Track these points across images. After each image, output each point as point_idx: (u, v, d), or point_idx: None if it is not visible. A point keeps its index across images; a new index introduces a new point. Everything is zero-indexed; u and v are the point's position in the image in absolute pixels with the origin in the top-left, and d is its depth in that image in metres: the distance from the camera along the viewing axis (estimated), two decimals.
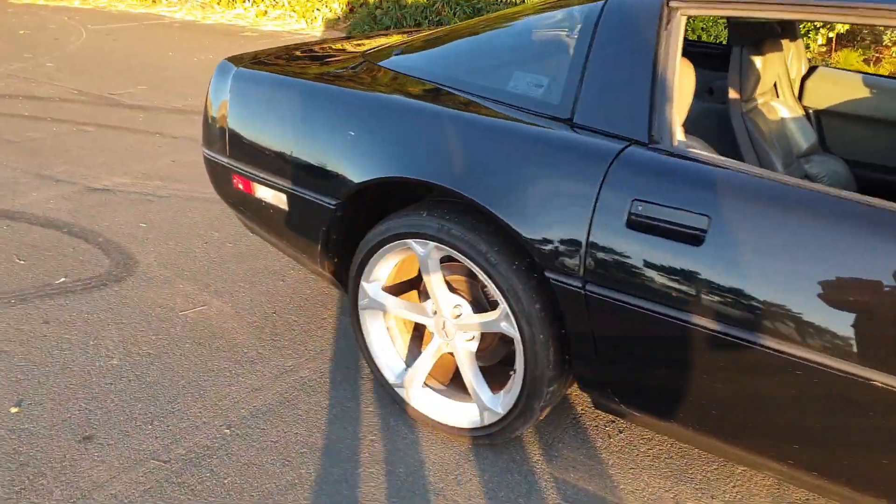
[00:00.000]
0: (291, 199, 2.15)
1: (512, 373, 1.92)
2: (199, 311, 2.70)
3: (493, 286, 1.80)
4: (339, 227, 2.10)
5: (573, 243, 1.64)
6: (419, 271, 2.12)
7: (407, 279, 2.17)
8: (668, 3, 1.69)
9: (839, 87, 2.67)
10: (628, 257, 1.58)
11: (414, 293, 2.20)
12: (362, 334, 2.19)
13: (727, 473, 1.98)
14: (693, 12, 1.68)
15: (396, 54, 2.23)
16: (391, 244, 1.96)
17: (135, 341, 2.50)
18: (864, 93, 2.62)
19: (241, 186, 2.32)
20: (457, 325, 1.98)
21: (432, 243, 1.88)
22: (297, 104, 2.12)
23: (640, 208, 1.57)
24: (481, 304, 2.00)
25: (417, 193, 2.11)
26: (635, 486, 1.93)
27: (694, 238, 1.51)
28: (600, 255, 1.61)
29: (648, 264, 1.56)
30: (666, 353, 1.59)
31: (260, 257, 3.11)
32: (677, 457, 2.04)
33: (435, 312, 2.02)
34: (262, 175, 2.21)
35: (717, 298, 1.48)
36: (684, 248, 1.52)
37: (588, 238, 1.62)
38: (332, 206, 2.04)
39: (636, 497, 1.90)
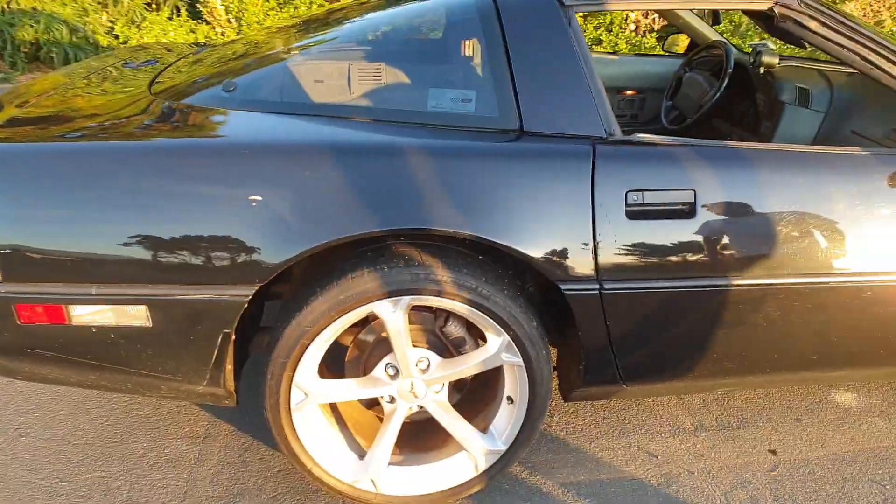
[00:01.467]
0: (161, 308, 1.55)
1: (508, 403, 1.79)
2: None
3: (489, 320, 1.64)
4: (247, 323, 1.62)
5: (582, 249, 1.60)
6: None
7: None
8: (562, 3, 1.72)
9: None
10: (636, 246, 1.62)
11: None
12: (296, 441, 1.74)
13: (667, 411, 2.23)
14: (583, 9, 1.75)
15: (227, 89, 1.75)
16: (342, 318, 1.60)
17: None
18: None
19: (37, 317, 1.56)
20: (427, 381, 1.74)
21: (407, 298, 1.60)
22: (137, 174, 1.51)
23: (634, 198, 1.61)
24: (440, 348, 1.79)
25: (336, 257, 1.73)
26: (613, 450, 2.03)
27: (687, 212, 1.63)
28: (610, 252, 1.61)
29: (656, 247, 1.63)
30: (677, 319, 1.70)
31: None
32: (627, 416, 2.20)
33: (393, 377, 1.74)
34: (85, 291, 1.53)
35: (718, 257, 1.64)
36: (682, 223, 1.63)
37: (595, 240, 1.60)
38: (243, 299, 1.55)
39: (617, 456, 2.00)
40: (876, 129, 2.26)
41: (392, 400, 1.77)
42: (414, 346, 1.76)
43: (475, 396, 1.92)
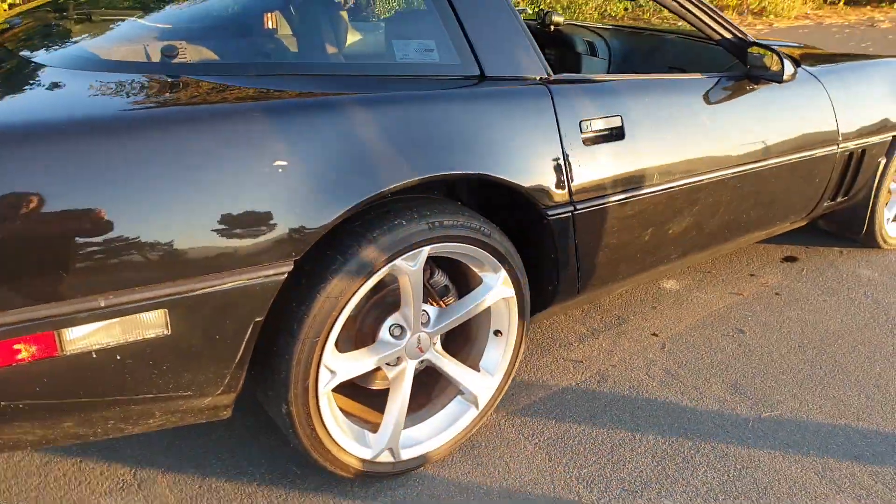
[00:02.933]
0: (184, 309, 1.32)
1: (496, 336, 1.89)
2: None
3: (490, 258, 1.73)
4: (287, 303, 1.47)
5: (559, 177, 1.77)
6: None
7: None
8: None
9: None
10: (594, 168, 1.85)
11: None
12: (322, 427, 1.62)
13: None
14: None
15: (168, 53, 1.50)
16: (368, 282, 1.54)
17: None
18: None
19: (12, 357, 1.22)
20: (430, 333, 1.76)
21: (426, 249, 1.61)
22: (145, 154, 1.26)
23: (585, 126, 1.84)
24: (434, 296, 1.82)
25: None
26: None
27: (618, 135, 1.91)
28: (577, 176, 1.81)
29: (607, 166, 1.88)
30: (628, 225, 1.98)
31: None
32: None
33: (398, 337, 1.72)
34: (88, 306, 1.24)
35: (648, 169, 1.96)
36: (616, 144, 1.91)
37: (566, 168, 1.79)
38: (279, 279, 1.40)
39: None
40: (655, 69, 2.82)
41: (397, 362, 1.74)
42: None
43: (451, 345, 1.97)
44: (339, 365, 1.59)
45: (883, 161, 2.74)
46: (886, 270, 2.98)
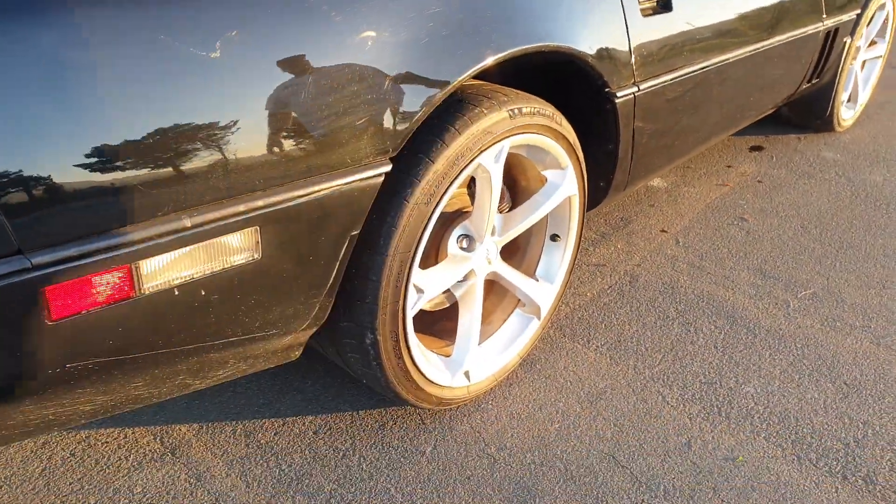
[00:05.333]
0: (277, 224, 1.07)
1: (553, 241, 1.74)
2: None
3: (560, 150, 1.55)
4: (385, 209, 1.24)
5: (625, 53, 1.61)
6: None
7: None
8: None
9: None
10: (651, 43, 1.70)
11: None
12: (409, 356, 1.42)
13: None
14: None
15: None
16: (455, 182, 1.33)
17: None
18: None
19: (84, 302, 0.93)
20: (498, 243, 1.58)
21: (507, 141, 1.41)
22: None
23: None
24: None
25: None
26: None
27: (666, 4, 1.76)
28: (639, 52, 1.66)
29: (660, 42, 1.73)
30: (681, 106, 1.86)
31: None
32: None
33: (467, 249, 1.53)
34: (169, 228, 0.96)
35: (697, 42, 1.84)
36: (666, 17, 1.76)
37: (630, 43, 1.63)
38: (377, 180, 1.16)
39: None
40: None
41: (465, 278, 1.56)
42: (464, 210, 1.56)
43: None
44: (425, 282, 1.38)
45: (847, 40, 2.78)
46: (846, 151, 3.09)
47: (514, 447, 1.54)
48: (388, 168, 1.16)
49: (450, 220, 1.52)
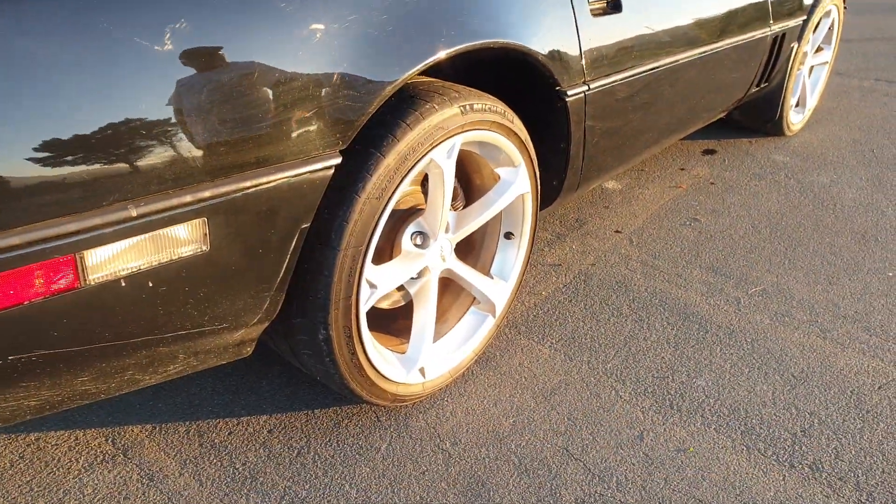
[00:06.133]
0: (224, 215, 1.06)
1: (507, 239, 1.76)
2: None
3: (512, 147, 1.58)
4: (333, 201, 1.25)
5: (575, 52, 1.64)
6: None
7: None
8: None
9: None
10: (601, 42, 1.73)
11: None
12: (363, 352, 1.42)
13: None
14: None
15: None
16: (407, 178, 1.34)
17: None
18: None
19: (22, 293, 0.92)
20: (452, 240, 1.60)
21: (459, 138, 1.43)
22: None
23: None
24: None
25: None
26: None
27: (616, 5, 1.80)
28: (588, 51, 1.69)
29: (610, 41, 1.77)
30: (632, 104, 1.89)
31: None
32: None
33: (421, 246, 1.54)
34: (116, 218, 0.96)
35: (647, 43, 1.88)
36: (616, 17, 1.80)
37: (580, 42, 1.66)
38: (327, 172, 1.17)
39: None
40: None
41: (419, 275, 1.57)
42: (419, 207, 1.58)
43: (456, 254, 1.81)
44: (378, 277, 1.39)
45: (795, 46, 2.87)
46: (796, 154, 3.18)
47: (469, 442, 1.55)
48: (338, 161, 1.17)
49: (404, 216, 1.53)
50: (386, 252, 1.53)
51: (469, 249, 1.80)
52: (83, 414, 1.61)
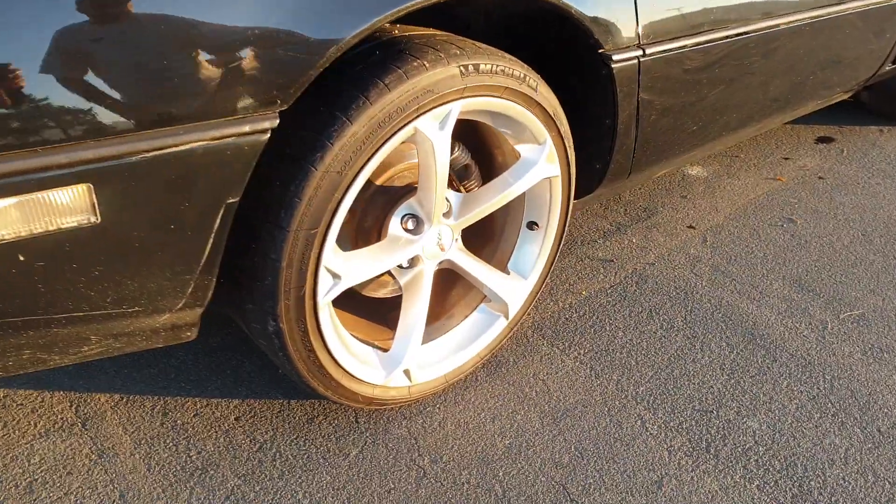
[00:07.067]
0: (117, 183, 0.88)
1: (530, 230, 1.49)
2: None
3: (534, 120, 1.30)
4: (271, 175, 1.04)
5: (622, 6, 1.34)
6: None
7: None
8: None
9: None
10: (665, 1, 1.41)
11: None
12: (323, 349, 1.22)
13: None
14: None
15: None
16: (381, 150, 1.11)
17: None
18: None
19: None
20: (453, 227, 1.35)
21: (457, 104, 1.17)
22: None
23: None
24: (453, 178, 1.41)
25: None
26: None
27: None
28: (647, 9, 1.38)
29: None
30: (697, 80, 1.56)
31: None
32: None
33: (413, 231, 1.31)
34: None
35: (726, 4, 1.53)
36: None
37: None
38: (260, 137, 0.96)
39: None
40: None
41: (411, 263, 1.34)
42: (415, 185, 1.34)
43: (470, 243, 1.57)
44: (343, 267, 1.17)
45: None
46: None
47: (451, 461, 1.33)
48: (275, 123, 0.96)
49: (396, 196, 1.30)
50: (373, 236, 1.31)
51: (488, 238, 1.55)
52: (56, 376, 1.52)
